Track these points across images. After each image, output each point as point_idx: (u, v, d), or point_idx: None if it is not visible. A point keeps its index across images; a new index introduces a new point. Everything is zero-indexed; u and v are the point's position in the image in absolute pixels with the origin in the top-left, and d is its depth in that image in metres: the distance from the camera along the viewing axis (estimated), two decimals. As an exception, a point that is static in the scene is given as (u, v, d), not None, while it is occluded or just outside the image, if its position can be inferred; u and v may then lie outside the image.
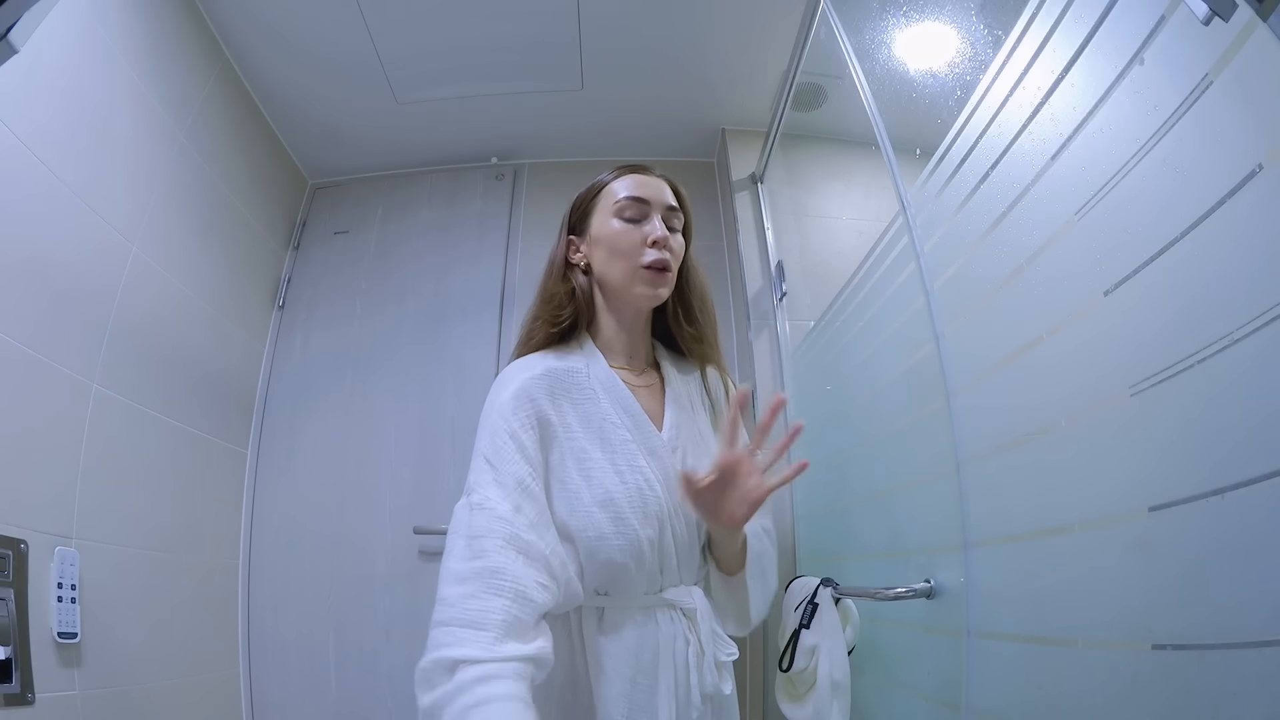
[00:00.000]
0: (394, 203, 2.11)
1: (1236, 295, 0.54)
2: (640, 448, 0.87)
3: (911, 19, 1.37)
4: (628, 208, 0.95)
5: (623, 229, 0.94)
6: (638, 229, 0.94)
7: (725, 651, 0.91)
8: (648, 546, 0.84)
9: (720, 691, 0.89)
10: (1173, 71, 0.62)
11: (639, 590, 0.86)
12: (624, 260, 0.93)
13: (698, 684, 0.86)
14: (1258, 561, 0.51)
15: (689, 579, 0.91)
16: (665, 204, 0.96)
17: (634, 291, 0.93)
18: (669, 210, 0.96)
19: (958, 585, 0.90)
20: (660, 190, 0.97)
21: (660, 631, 0.86)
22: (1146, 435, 0.62)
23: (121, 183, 1.33)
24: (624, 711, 0.83)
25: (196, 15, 1.59)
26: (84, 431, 1.20)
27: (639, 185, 0.96)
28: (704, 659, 0.87)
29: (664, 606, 0.87)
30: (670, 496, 0.87)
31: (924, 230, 1.05)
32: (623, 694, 0.83)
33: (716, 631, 0.91)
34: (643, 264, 0.92)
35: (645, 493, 0.85)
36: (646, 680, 0.84)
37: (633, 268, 0.92)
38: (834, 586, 1.11)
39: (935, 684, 0.98)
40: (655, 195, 0.96)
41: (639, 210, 0.95)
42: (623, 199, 0.95)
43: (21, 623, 1.00)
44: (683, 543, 0.89)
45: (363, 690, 1.60)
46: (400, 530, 1.69)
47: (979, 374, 0.90)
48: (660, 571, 0.87)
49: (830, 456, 1.44)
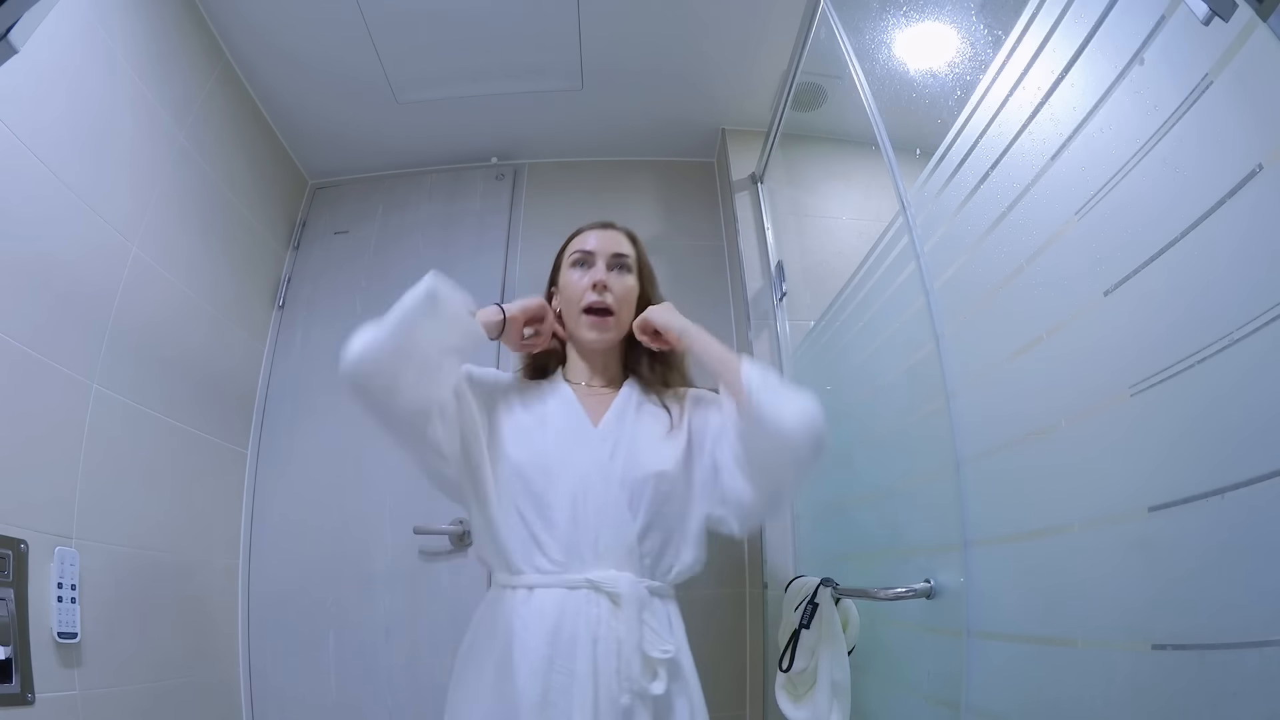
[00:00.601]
0: (394, 202, 2.11)
1: (1236, 295, 0.54)
2: (574, 435, 1.01)
3: (911, 19, 1.37)
4: (578, 259, 1.11)
5: (574, 279, 1.09)
6: (583, 276, 1.08)
7: (659, 648, 0.90)
8: (559, 513, 0.94)
9: (645, 689, 0.87)
10: (1173, 71, 0.62)
11: (557, 560, 0.93)
12: (572, 305, 1.09)
13: (622, 675, 0.86)
14: (1258, 561, 0.51)
15: (618, 564, 0.93)
16: (610, 252, 1.10)
17: (580, 335, 1.09)
18: (614, 256, 1.10)
19: (957, 585, 0.90)
20: (607, 241, 1.12)
21: (580, 613, 0.89)
22: (1146, 435, 0.62)
23: (122, 183, 1.33)
24: (539, 692, 0.86)
25: (197, 16, 1.59)
26: (84, 431, 1.20)
27: (587, 239, 1.12)
28: (624, 648, 0.87)
29: (587, 588, 0.91)
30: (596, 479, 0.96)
31: (924, 230, 1.05)
32: (538, 673, 0.87)
33: (650, 625, 0.91)
34: (583, 307, 1.07)
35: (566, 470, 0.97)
36: (564, 662, 0.87)
37: (577, 312, 1.08)
38: (834, 586, 1.11)
39: (935, 684, 0.98)
40: (601, 245, 1.11)
41: (586, 259, 1.10)
42: (575, 252, 1.11)
43: (21, 623, 1.00)
44: (606, 523, 0.94)
45: (363, 690, 1.60)
46: (400, 530, 1.69)
47: (979, 374, 0.90)
48: (578, 546, 0.93)
49: (830, 456, 1.44)
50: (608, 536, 0.94)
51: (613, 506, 0.95)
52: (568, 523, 0.94)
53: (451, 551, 1.67)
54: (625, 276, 1.10)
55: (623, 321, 1.09)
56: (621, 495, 0.96)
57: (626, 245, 1.13)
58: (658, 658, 0.89)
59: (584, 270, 1.09)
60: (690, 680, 0.95)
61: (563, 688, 0.86)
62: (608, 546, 0.93)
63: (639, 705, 0.87)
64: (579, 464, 0.97)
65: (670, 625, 0.97)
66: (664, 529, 0.98)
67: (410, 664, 1.60)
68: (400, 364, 0.91)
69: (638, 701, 0.87)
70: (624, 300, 1.09)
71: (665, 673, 0.89)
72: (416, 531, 1.66)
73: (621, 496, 0.96)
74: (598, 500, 0.95)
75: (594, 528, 0.94)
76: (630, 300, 1.10)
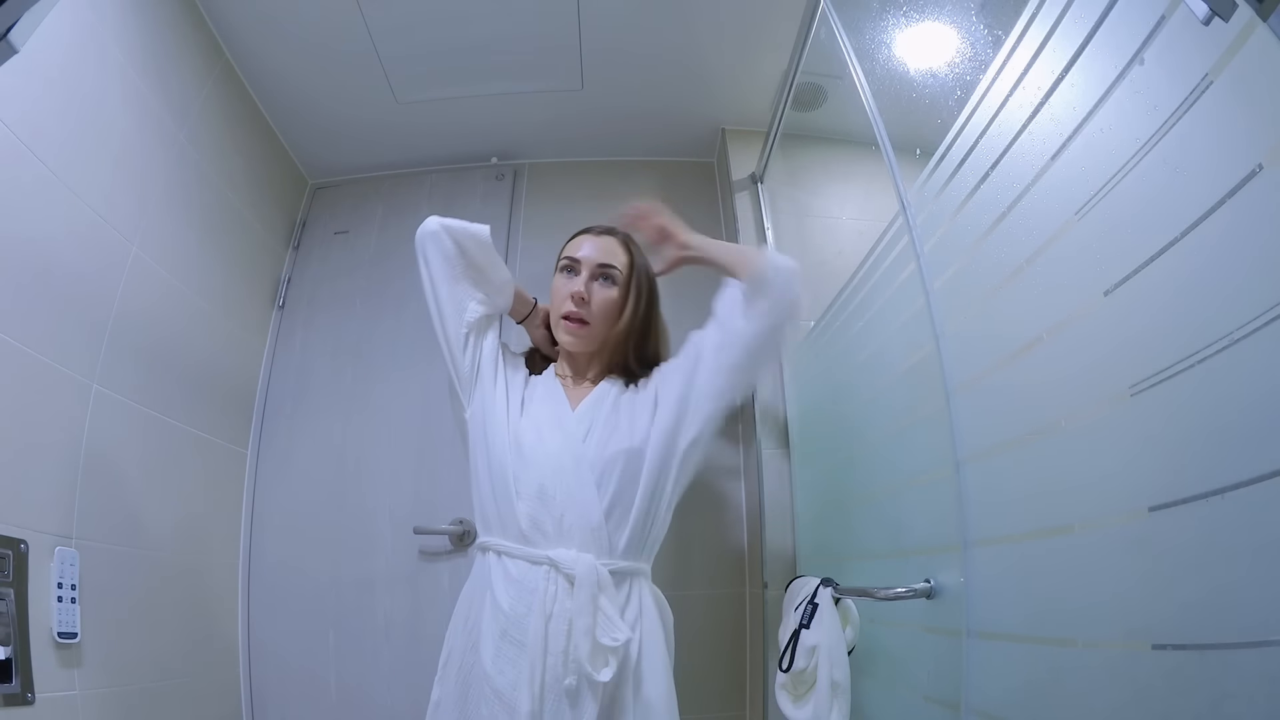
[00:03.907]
0: (394, 202, 2.11)
1: (1236, 295, 0.54)
2: (552, 418, 1.08)
3: (911, 19, 1.37)
4: (564, 266, 1.17)
5: (557, 285, 1.16)
6: (567, 285, 1.14)
7: (610, 635, 0.91)
8: (527, 488, 1.00)
9: (590, 675, 0.88)
10: (1173, 71, 0.62)
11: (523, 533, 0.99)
12: (555, 310, 1.16)
13: (570, 657, 0.88)
14: (1258, 561, 0.51)
15: (582, 544, 0.96)
16: (595, 263, 1.15)
17: (560, 337, 1.16)
18: (599, 267, 1.15)
19: (957, 585, 0.90)
20: (594, 249, 1.17)
21: (537, 589, 0.93)
22: (1146, 435, 0.62)
23: (122, 183, 1.33)
24: (491, 655, 0.91)
25: (196, 15, 1.59)
26: (84, 431, 1.20)
27: (580, 245, 1.18)
28: (574, 630, 0.89)
29: (547, 564, 0.95)
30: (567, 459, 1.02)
31: (924, 230, 1.05)
32: (491, 637, 0.93)
33: (605, 611, 0.92)
34: (561, 314, 1.14)
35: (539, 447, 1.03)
36: (516, 634, 0.92)
37: (557, 317, 1.15)
38: (834, 586, 1.11)
39: (935, 684, 0.97)
40: (587, 254, 1.16)
41: (571, 266, 1.16)
42: (565, 258, 1.18)
43: (21, 623, 1.00)
44: (573, 503, 0.98)
45: (363, 690, 1.60)
46: (400, 530, 1.69)
47: (979, 374, 0.90)
48: (543, 523, 0.98)
49: (830, 456, 1.44)
50: (572, 516, 0.98)
51: (581, 487, 0.99)
52: (534, 499, 1.00)
53: (451, 551, 1.67)
54: (608, 289, 1.15)
55: (598, 332, 1.14)
56: (590, 476, 1.01)
57: (619, 256, 1.18)
58: (608, 645, 0.90)
59: (569, 277, 1.15)
60: (651, 673, 0.95)
61: (511, 658, 0.90)
62: (572, 525, 0.97)
63: (585, 689, 0.88)
64: (551, 445, 1.04)
65: (639, 612, 0.98)
66: (631, 506, 1.01)
67: (410, 664, 1.60)
68: (468, 242, 1.13)
69: (584, 685, 0.88)
70: (602, 312, 1.14)
71: (615, 661, 0.90)
72: (416, 531, 1.66)
73: (590, 477, 1.00)
74: (567, 481, 1.00)
75: (560, 507, 0.98)
76: (609, 312, 1.15)
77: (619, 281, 1.16)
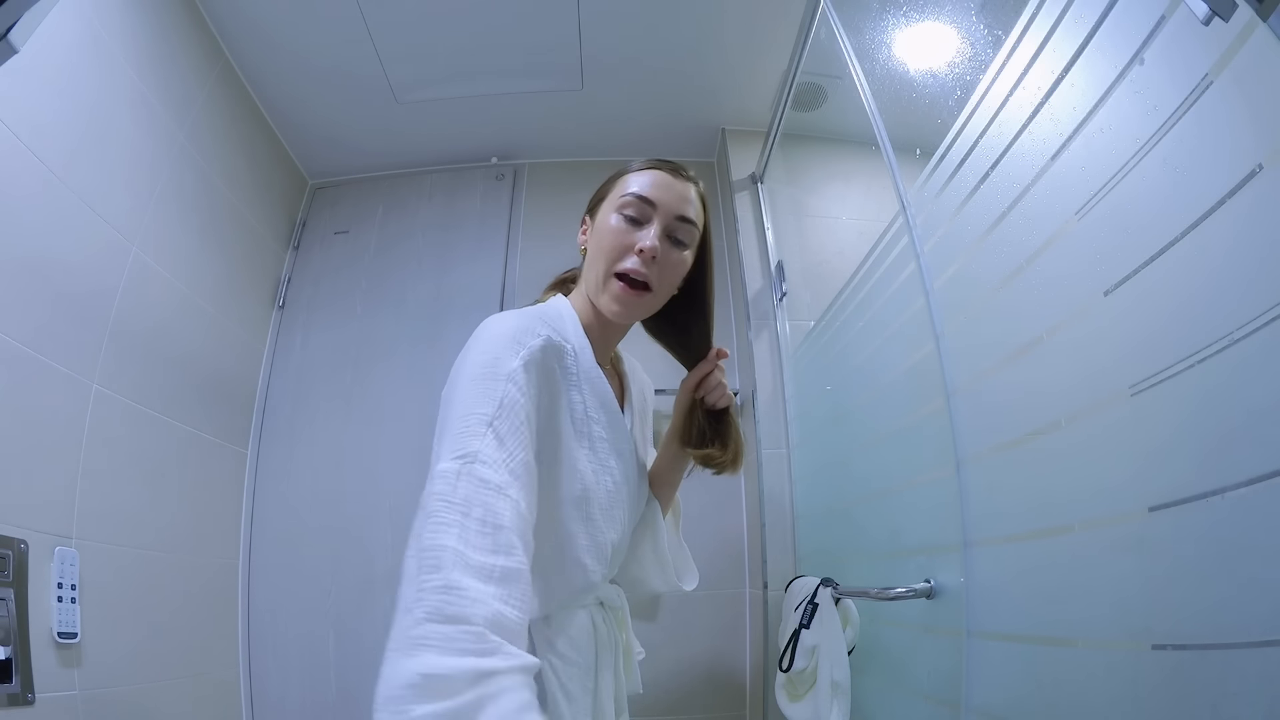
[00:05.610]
0: (394, 202, 2.11)
1: (1236, 295, 0.54)
2: (612, 448, 0.81)
3: (911, 19, 1.37)
4: (630, 205, 0.84)
5: (617, 227, 0.83)
6: (631, 232, 0.83)
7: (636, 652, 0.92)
8: (610, 550, 0.80)
9: (638, 691, 0.89)
10: (1173, 71, 0.62)
11: (580, 589, 0.80)
12: (604, 260, 0.83)
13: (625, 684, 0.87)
14: (1258, 561, 0.51)
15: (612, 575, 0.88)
16: (675, 214, 0.84)
17: (601, 300, 0.83)
18: (677, 220, 0.84)
19: (958, 585, 0.90)
20: (675, 195, 0.85)
21: (598, 632, 0.83)
22: (1146, 435, 0.62)
23: (122, 183, 1.33)
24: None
25: (196, 16, 1.59)
26: (84, 431, 1.20)
27: (651, 184, 0.84)
28: (631, 658, 0.88)
29: (596, 605, 0.84)
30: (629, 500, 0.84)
31: (924, 230, 1.05)
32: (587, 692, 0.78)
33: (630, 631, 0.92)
34: (617, 270, 0.81)
35: (613, 494, 0.80)
36: (591, 682, 0.80)
37: (607, 272, 0.82)
38: (834, 586, 1.11)
39: (935, 684, 0.97)
40: (665, 199, 0.83)
41: (641, 211, 0.83)
42: (629, 194, 0.84)
43: (21, 623, 1.00)
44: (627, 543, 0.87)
45: (363, 690, 1.60)
46: (400, 530, 1.69)
47: (979, 374, 0.90)
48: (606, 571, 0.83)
49: (830, 456, 1.44)
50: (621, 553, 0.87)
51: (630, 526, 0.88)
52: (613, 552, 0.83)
53: (451, 551, 1.67)
54: (679, 250, 0.85)
55: (655, 304, 0.85)
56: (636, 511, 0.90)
57: (696, 208, 0.87)
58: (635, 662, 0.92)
59: (632, 224, 0.83)
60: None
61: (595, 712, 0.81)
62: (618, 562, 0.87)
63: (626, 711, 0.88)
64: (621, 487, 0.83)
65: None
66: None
67: (410, 664, 1.60)
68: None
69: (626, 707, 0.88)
70: (669, 280, 0.85)
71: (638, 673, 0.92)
72: (416, 531, 1.66)
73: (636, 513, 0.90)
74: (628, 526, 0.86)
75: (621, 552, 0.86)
76: (674, 281, 0.86)
77: (690, 243, 0.86)
